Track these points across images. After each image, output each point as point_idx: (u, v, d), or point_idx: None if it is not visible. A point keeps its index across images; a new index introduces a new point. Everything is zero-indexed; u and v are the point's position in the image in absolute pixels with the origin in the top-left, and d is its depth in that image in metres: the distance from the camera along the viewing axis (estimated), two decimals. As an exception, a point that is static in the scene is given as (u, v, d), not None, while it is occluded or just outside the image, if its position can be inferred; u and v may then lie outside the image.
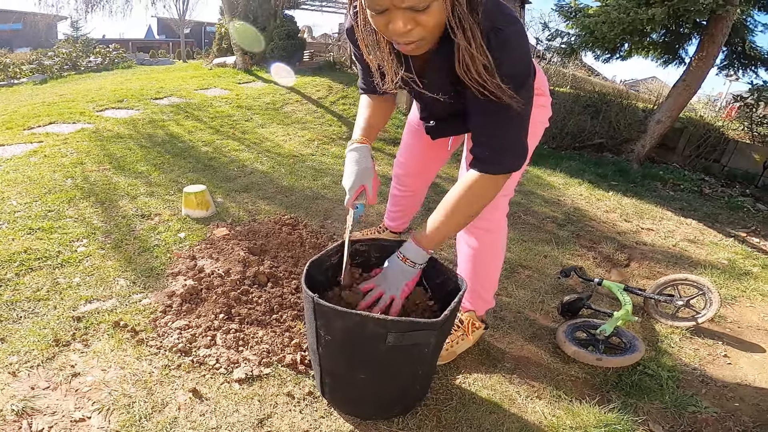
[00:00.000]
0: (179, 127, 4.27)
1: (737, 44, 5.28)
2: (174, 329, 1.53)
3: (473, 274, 1.45)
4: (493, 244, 1.44)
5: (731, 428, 1.41)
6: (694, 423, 1.41)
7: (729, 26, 4.48)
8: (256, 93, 6.10)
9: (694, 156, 5.47)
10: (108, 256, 1.97)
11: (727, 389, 1.60)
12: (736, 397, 1.57)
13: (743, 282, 2.47)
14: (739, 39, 5.18)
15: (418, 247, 1.12)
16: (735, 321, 2.09)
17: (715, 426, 1.41)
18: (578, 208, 3.43)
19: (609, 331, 1.70)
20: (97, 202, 2.51)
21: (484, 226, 1.37)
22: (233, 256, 2.01)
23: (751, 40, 5.20)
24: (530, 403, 1.42)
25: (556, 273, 2.29)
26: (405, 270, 1.13)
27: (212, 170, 3.22)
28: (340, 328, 1.02)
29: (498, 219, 1.41)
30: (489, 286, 1.54)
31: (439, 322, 0.98)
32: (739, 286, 2.42)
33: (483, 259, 1.44)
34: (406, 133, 1.77)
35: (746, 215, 4.04)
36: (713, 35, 4.58)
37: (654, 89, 8.34)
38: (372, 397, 1.18)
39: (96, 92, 5.62)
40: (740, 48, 5.30)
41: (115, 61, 11.58)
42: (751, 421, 1.45)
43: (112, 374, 1.31)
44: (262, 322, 1.62)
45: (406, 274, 1.13)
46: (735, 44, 5.29)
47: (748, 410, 1.50)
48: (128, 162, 3.19)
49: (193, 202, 2.40)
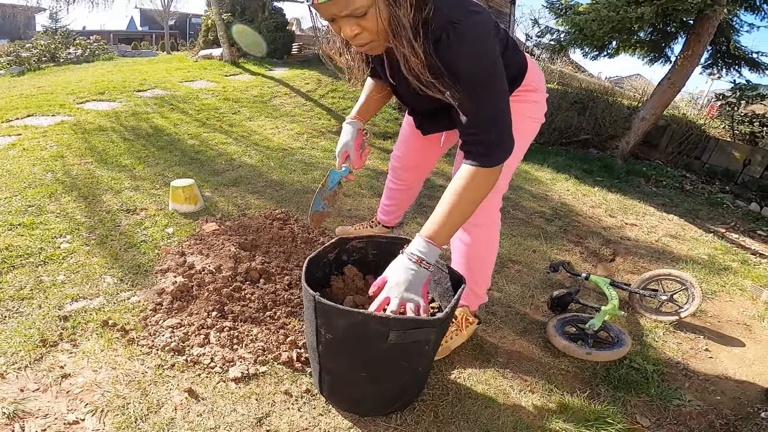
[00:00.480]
0: (164, 119, 4.16)
1: (722, 43, 5.40)
2: (166, 328, 1.50)
3: (467, 269, 1.45)
4: (487, 240, 1.46)
5: (713, 421, 1.46)
6: (679, 416, 1.46)
7: (715, 26, 4.59)
8: (243, 85, 5.99)
9: (676, 153, 5.61)
10: (93, 252, 1.92)
11: (708, 383, 1.66)
12: (717, 390, 1.62)
13: (722, 277, 2.56)
14: (724, 38, 5.30)
15: (433, 245, 1.04)
16: (715, 315, 2.16)
17: (698, 419, 1.46)
18: (565, 203, 3.49)
19: (598, 326, 1.74)
20: (79, 196, 2.43)
21: (477, 222, 1.38)
22: (224, 252, 1.98)
23: (736, 40, 5.31)
24: (524, 397, 1.45)
25: (545, 268, 2.34)
26: (420, 273, 1.03)
27: (199, 164, 3.16)
28: (341, 327, 1.02)
29: (491, 215, 1.42)
30: (482, 282, 1.56)
31: (440, 319, 0.98)
32: (719, 281, 2.50)
33: (476, 255, 1.46)
34: (404, 126, 1.77)
35: (726, 211, 4.18)
36: (699, 34, 4.67)
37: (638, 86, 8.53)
38: (372, 395, 1.19)
39: (76, 84, 5.43)
40: (725, 47, 5.41)
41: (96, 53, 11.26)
42: (733, 414, 1.50)
43: (103, 375, 1.28)
44: (256, 319, 1.61)
45: (422, 276, 1.03)
46: (720, 43, 5.41)
47: (730, 403, 1.56)
48: (111, 155, 3.10)
49: (180, 197, 2.36)
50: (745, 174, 5.14)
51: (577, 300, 1.92)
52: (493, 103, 0.99)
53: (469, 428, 1.28)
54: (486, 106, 0.99)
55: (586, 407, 1.42)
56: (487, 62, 0.95)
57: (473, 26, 0.92)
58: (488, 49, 0.95)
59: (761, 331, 2.07)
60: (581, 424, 1.36)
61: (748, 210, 4.33)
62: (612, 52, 5.77)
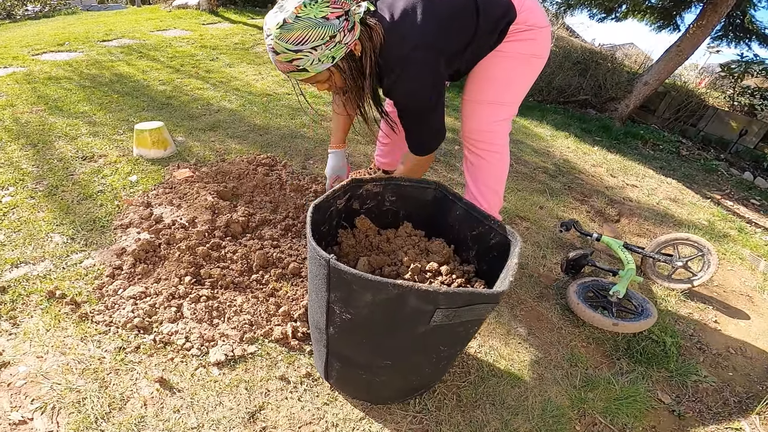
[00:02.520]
0: (131, 67, 3.66)
1: (737, 17, 5.21)
2: (126, 299, 1.23)
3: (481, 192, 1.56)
4: (502, 162, 1.54)
5: (728, 399, 1.41)
6: (696, 393, 1.40)
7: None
8: (222, 33, 5.39)
9: (673, 119, 5.60)
10: (39, 206, 1.60)
11: (720, 357, 1.60)
12: (729, 366, 1.57)
13: (722, 245, 2.49)
14: (740, 12, 5.11)
15: None
16: (720, 285, 2.09)
17: (714, 396, 1.41)
18: (567, 160, 3.32)
19: (623, 293, 1.59)
20: (28, 144, 2.06)
21: (488, 148, 1.49)
22: (199, 202, 1.68)
23: (752, 14, 5.15)
24: (549, 373, 1.31)
25: (555, 225, 2.21)
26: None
27: (171, 109, 2.75)
28: (366, 304, 0.77)
29: (501, 143, 1.50)
30: (496, 203, 1.60)
31: (502, 292, 0.75)
32: (720, 249, 2.43)
33: (489, 173, 1.53)
34: None
35: (720, 178, 4.20)
36: (717, 5, 4.47)
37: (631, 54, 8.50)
38: (394, 385, 0.97)
39: (33, 37, 4.73)
40: (739, 21, 5.24)
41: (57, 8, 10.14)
42: (744, 391, 1.46)
43: (51, 362, 1.03)
44: (240, 285, 1.36)
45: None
46: (734, 16, 5.22)
47: (741, 380, 1.51)
48: (67, 103, 2.66)
49: (147, 140, 2.00)
50: (740, 144, 5.21)
51: (592, 262, 1.77)
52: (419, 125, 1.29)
53: (496, 412, 1.12)
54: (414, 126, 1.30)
55: (612, 384, 1.31)
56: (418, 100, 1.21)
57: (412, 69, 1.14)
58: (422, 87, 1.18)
59: (763, 303, 2.03)
60: (610, 403, 1.25)
61: (741, 178, 4.39)
62: (621, 15, 5.56)
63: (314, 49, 1.03)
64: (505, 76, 1.36)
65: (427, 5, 1.14)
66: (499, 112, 1.43)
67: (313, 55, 1.04)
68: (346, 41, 1.06)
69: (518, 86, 1.41)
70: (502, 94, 1.40)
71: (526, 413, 1.14)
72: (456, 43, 1.21)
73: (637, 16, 5.61)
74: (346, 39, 1.06)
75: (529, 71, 1.40)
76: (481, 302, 0.76)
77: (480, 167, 1.52)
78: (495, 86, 1.38)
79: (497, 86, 1.38)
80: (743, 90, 5.52)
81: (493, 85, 1.38)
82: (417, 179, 1.25)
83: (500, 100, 1.41)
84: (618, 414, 1.22)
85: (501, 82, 1.37)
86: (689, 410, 1.32)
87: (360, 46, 1.11)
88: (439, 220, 1.21)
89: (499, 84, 1.37)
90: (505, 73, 1.36)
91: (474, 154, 1.52)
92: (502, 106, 1.43)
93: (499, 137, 1.48)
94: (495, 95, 1.39)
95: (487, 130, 1.45)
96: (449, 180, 2.44)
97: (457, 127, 3.29)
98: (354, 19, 1.07)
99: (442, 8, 1.15)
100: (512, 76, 1.37)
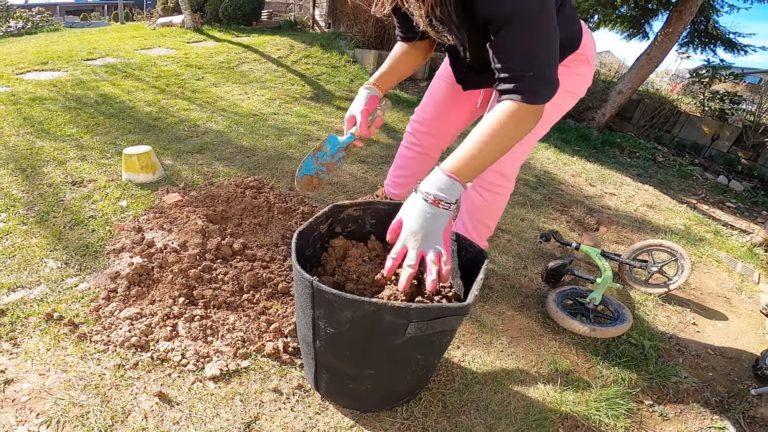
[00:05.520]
0: (115, 87, 3.69)
1: (701, 23, 5.43)
2: (123, 319, 1.28)
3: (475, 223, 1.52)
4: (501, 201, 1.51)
5: (709, 399, 1.46)
6: (677, 393, 1.45)
7: (698, 5, 4.59)
8: (207, 52, 5.44)
9: (648, 126, 5.76)
10: (32, 232, 1.63)
11: (700, 358, 1.66)
12: (709, 366, 1.62)
13: (699, 248, 2.59)
14: (703, 18, 5.33)
15: (457, 182, 0.85)
16: (697, 288, 2.16)
17: (695, 396, 1.46)
18: (547, 171, 3.44)
19: (599, 300, 1.67)
20: (16, 169, 2.09)
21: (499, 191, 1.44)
22: (189, 226, 1.73)
23: (715, 20, 5.36)
24: (531, 379, 1.36)
25: (536, 237, 2.28)
26: (440, 214, 0.84)
27: (157, 131, 2.80)
28: (347, 319, 0.85)
29: (511, 186, 1.47)
30: (487, 234, 1.60)
31: (469, 305, 0.83)
32: (696, 252, 2.52)
33: (488, 213, 1.50)
34: (435, 84, 1.56)
35: (695, 183, 4.33)
36: (681, 12, 4.67)
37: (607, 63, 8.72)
38: (379, 392, 1.04)
39: (16, 55, 4.74)
40: (703, 26, 5.45)
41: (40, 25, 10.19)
42: (726, 391, 1.51)
43: (53, 379, 1.06)
44: (232, 304, 1.41)
45: (442, 219, 0.84)
46: (699, 23, 5.44)
47: (721, 380, 1.56)
48: (53, 125, 2.69)
49: (135, 165, 2.06)
50: (713, 148, 5.35)
51: (571, 271, 1.85)
52: (538, 33, 0.85)
53: (480, 417, 1.18)
54: (529, 38, 0.85)
55: (594, 387, 1.37)
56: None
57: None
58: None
59: (740, 303, 2.10)
60: (592, 407, 1.30)
61: (716, 182, 4.52)
62: (593, 26, 5.75)
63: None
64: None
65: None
66: (520, 158, 1.37)
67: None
68: None
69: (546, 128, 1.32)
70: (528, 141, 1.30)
71: (510, 417, 1.20)
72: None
73: (608, 25, 5.84)
74: None
75: (560, 111, 1.31)
76: (450, 314, 0.84)
77: (482, 207, 1.49)
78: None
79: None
80: (713, 95, 5.70)
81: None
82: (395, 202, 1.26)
83: (523, 149, 1.34)
84: (600, 416, 1.26)
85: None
86: (671, 410, 1.37)
87: None
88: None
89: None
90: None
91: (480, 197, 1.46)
92: (521, 152, 1.35)
93: (509, 180, 1.44)
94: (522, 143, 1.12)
95: (501, 173, 1.39)
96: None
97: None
98: None
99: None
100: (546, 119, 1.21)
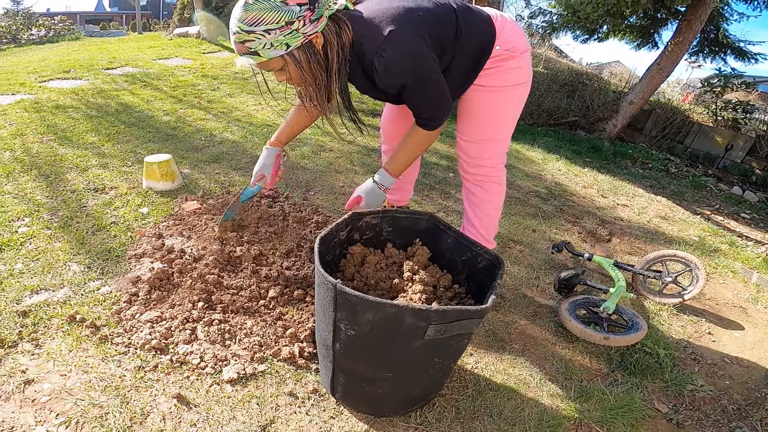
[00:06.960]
0: (134, 96, 3.80)
1: (711, 31, 5.37)
2: (144, 322, 1.31)
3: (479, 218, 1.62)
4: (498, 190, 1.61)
5: (726, 406, 1.44)
6: (693, 401, 1.43)
7: (708, 13, 4.55)
8: (222, 63, 5.57)
9: (660, 136, 5.65)
10: (55, 237, 1.69)
11: (716, 367, 1.64)
12: (725, 375, 1.60)
13: (714, 259, 2.55)
14: (713, 26, 5.27)
15: (390, 175, 1.37)
16: (712, 298, 2.14)
17: (712, 404, 1.44)
18: (559, 182, 3.43)
19: (612, 309, 1.66)
20: (40, 175, 2.16)
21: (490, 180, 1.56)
22: (207, 233, 1.78)
23: (725, 28, 5.29)
24: (544, 386, 1.36)
25: (547, 247, 2.27)
26: (382, 194, 1.38)
27: (175, 140, 2.88)
28: (368, 321, 0.86)
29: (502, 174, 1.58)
30: (492, 229, 1.66)
31: (487, 308, 0.84)
32: (711, 263, 2.49)
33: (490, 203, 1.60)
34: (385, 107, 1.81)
35: (709, 194, 4.25)
36: (691, 21, 4.63)
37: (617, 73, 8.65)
38: (394, 396, 1.05)
39: (39, 63, 4.91)
40: (713, 35, 5.39)
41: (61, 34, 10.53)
42: (742, 399, 1.49)
43: (74, 380, 1.09)
44: (249, 309, 1.44)
45: (380, 198, 1.38)
46: (708, 31, 5.38)
47: (738, 388, 1.54)
48: (76, 133, 2.78)
49: (156, 173, 2.12)
50: (727, 159, 5.22)
51: (584, 281, 1.84)
52: (426, 94, 1.20)
53: (494, 423, 1.18)
54: (421, 97, 1.22)
55: (607, 395, 1.36)
56: (413, 75, 1.14)
57: (394, 50, 1.08)
58: (414, 62, 1.12)
59: (756, 314, 2.07)
60: (606, 413, 1.29)
61: (730, 193, 4.41)
62: (602, 36, 5.70)
63: (267, 33, 1.00)
64: (500, 114, 1.42)
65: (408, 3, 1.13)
66: (497, 147, 1.49)
67: (265, 39, 1.01)
68: (305, 31, 1.02)
69: (512, 119, 1.47)
70: (498, 131, 1.46)
71: (523, 424, 1.20)
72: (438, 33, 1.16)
73: (617, 35, 5.77)
74: (305, 29, 1.02)
75: (519, 102, 1.44)
76: (468, 317, 0.85)
77: (482, 199, 1.58)
78: (491, 125, 1.44)
79: (494, 125, 1.44)
80: (725, 104, 5.59)
81: (490, 125, 1.43)
82: (411, 211, 1.34)
83: (498, 137, 1.47)
84: (615, 423, 1.25)
85: (496, 119, 1.43)
86: (687, 419, 1.35)
87: (322, 39, 1.06)
88: (432, 248, 1.31)
89: (494, 122, 1.43)
90: (500, 110, 1.41)
91: (476, 186, 1.58)
92: (500, 142, 1.49)
93: (499, 169, 1.55)
94: (493, 133, 1.45)
95: (489, 166, 1.52)
96: (444, 207, 2.53)
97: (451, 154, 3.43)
98: (322, 11, 1.04)
99: (422, 5, 1.14)
100: (506, 112, 1.42)
